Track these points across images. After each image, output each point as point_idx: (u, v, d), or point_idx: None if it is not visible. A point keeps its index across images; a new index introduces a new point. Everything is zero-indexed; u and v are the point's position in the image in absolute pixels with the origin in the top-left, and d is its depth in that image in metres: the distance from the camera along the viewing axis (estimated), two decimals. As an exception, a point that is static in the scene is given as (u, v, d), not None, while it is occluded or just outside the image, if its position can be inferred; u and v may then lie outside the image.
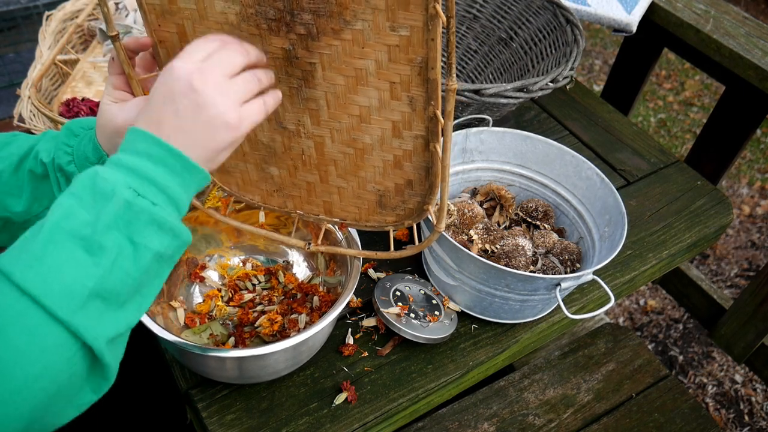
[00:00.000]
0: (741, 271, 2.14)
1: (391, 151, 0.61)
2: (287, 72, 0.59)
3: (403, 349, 0.85)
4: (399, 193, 0.65)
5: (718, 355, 1.89)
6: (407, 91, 0.56)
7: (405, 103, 0.57)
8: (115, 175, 0.51)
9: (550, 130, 1.24)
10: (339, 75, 0.57)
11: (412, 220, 0.67)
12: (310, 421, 0.76)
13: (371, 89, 0.57)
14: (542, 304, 0.85)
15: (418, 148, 0.60)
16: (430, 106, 0.55)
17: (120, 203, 0.49)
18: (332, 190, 0.68)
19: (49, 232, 0.48)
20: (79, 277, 0.47)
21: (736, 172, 2.57)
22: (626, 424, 1.12)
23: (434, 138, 0.58)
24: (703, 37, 1.27)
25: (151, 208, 0.51)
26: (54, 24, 1.15)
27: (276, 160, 0.68)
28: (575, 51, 1.01)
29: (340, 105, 0.59)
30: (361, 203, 0.68)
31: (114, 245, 0.49)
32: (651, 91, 2.98)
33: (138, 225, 0.50)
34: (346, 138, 0.62)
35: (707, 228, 1.06)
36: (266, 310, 0.85)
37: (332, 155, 0.64)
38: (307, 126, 0.63)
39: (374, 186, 0.66)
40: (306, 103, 0.61)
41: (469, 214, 0.92)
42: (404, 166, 0.62)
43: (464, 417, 1.08)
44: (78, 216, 0.49)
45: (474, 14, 1.22)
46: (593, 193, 0.91)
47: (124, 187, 0.50)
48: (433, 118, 0.56)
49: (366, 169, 0.64)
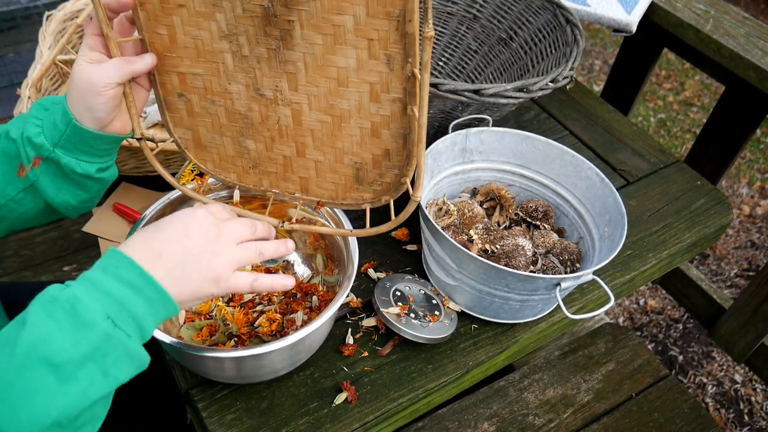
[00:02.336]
0: (741, 271, 2.14)
1: (368, 117, 0.61)
2: (266, 32, 0.59)
3: (403, 349, 0.85)
4: (376, 165, 0.65)
5: (718, 355, 1.89)
6: (385, 48, 0.55)
7: (383, 62, 0.56)
8: (95, 303, 0.51)
9: (550, 130, 1.24)
10: (317, 33, 0.57)
11: (389, 196, 0.67)
12: (310, 421, 0.76)
13: (349, 48, 0.57)
14: (542, 304, 0.85)
15: (396, 113, 0.60)
16: (407, 64, 0.55)
17: (100, 335, 0.50)
18: (309, 164, 0.68)
19: (24, 355, 0.48)
20: (45, 407, 0.48)
21: (736, 172, 2.57)
22: (626, 424, 1.12)
23: (412, 100, 0.58)
24: (703, 37, 1.27)
25: (126, 340, 0.52)
26: (54, 24, 1.15)
27: (253, 132, 0.68)
28: (575, 51, 1.01)
29: (318, 67, 0.59)
30: (338, 179, 0.68)
31: (86, 376, 0.50)
32: (651, 91, 2.98)
33: (113, 357, 0.51)
34: (324, 104, 0.62)
35: (707, 228, 1.06)
36: (265, 310, 0.85)
37: (309, 124, 0.64)
38: (285, 92, 0.63)
39: (351, 158, 0.65)
40: (284, 66, 0.61)
41: (469, 214, 0.92)
42: (382, 134, 0.62)
43: (464, 417, 1.08)
44: (55, 342, 0.49)
45: (474, 14, 1.22)
46: (593, 193, 0.91)
47: (103, 317, 0.51)
48: (411, 78, 0.56)
49: (343, 139, 0.64)
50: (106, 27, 0.62)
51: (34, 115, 0.68)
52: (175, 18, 0.62)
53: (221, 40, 0.62)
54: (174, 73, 0.67)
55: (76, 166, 0.68)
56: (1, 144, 0.68)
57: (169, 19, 0.63)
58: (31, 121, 0.67)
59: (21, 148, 0.67)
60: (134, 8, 0.63)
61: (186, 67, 0.66)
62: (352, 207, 0.70)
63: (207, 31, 0.62)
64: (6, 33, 1.90)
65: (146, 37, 0.65)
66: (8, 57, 1.95)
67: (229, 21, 0.60)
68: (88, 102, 0.64)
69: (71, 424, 0.50)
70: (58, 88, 1.13)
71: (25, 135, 0.66)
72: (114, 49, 0.64)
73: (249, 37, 0.60)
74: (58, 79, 1.14)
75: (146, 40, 0.65)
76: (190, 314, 0.83)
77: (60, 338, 0.49)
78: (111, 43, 0.63)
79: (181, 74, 0.67)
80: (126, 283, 0.54)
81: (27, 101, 1.00)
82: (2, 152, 0.68)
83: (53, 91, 1.12)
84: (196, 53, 0.64)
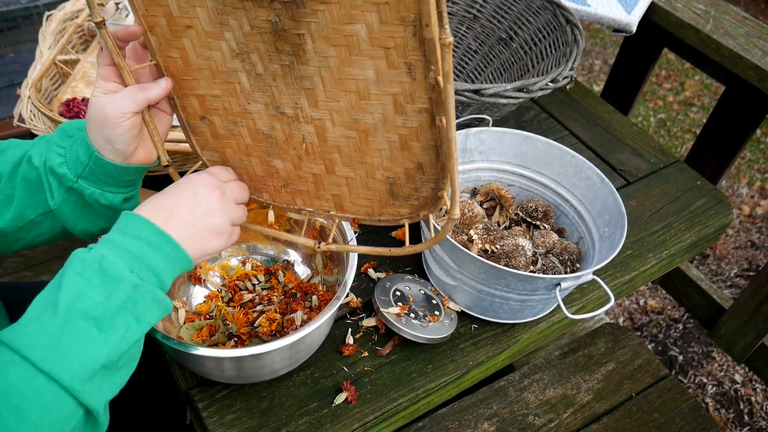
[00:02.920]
0: (741, 271, 2.14)
1: (395, 130, 0.58)
2: (277, 48, 0.57)
3: (403, 349, 0.85)
4: (410, 179, 0.62)
5: (718, 355, 1.89)
6: (404, 57, 0.52)
7: (403, 72, 0.53)
8: (119, 260, 0.56)
9: (550, 130, 1.24)
10: (330, 46, 0.55)
11: (427, 210, 0.64)
12: (310, 421, 0.76)
13: (366, 59, 0.54)
14: (542, 304, 0.85)
15: (424, 125, 0.57)
16: (430, 71, 0.52)
17: (129, 287, 0.56)
18: (340, 181, 0.66)
19: (65, 312, 0.53)
20: (93, 354, 0.53)
21: (736, 172, 2.57)
22: (626, 424, 1.12)
23: (439, 110, 0.54)
24: (703, 37, 1.27)
25: (153, 290, 0.58)
26: (54, 24, 1.15)
27: (279, 152, 0.66)
28: (575, 51, 1.01)
29: (336, 81, 0.57)
30: (372, 195, 0.65)
31: (123, 323, 0.55)
32: (651, 91, 2.98)
33: (143, 304, 0.57)
34: (347, 119, 0.60)
35: (707, 228, 1.06)
36: (265, 310, 0.85)
37: (335, 140, 0.62)
38: (305, 109, 0.61)
39: (383, 173, 0.63)
40: (300, 82, 0.59)
41: (469, 214, 0.92)
42: (412, 147, 0.59)
43: (464, 417, 1.08)
44: (90, 297, 0.54)
45: (474, 14, 1.22)
46: (593, 193, 0.91)
47: (128, 271, 0.56)
48: (436, 87, 0.52)
49: (372, 155, 0.61)
50: (117, 57, 0.61)
51: (57, 143, 0.66)
52: (185, 40, 0.61)
53: (234, 60, 0.60)
54: (193, 95, 0.66)
55: (101, 197, 0.67)
56: (23, 169, 0.67)
57: (179, 42, 0.61)
58: (54, 150, 0.66)
59: (44, 176, 0.66)
60: (144, 34, 0.61)
61: (203, 89, 0.64)
62: (390, 223, 0.67)
63: (218, 51, 0.60)
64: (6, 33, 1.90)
65: (160, 62, 0.64)
66: (8, 57, 1.95)
67: (239, 39, 0.58)
68: (106, 134, 0.62)
69: (114, 367, 0.55)
70: (58, 88, 1.13)
71: (48, 164, 0.65)
72: (128, 77, 0.62)
73: (261, 54, 0.59)
74: (58, 79, 1.14)
75: (161, 65, 0.64)
76: (190, 314, 0.83)
77: (94, 294, 0.54)
78: (124, 72, 0.62)
79: (200, 96, 0.65)
80: (145, 241, 0.58)
81: (27, 101, 1.00)
82: (23, 178, 0.67)
83: (53, 91, 1.12)
84: (211, 75, 0.63)
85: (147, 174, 1.08)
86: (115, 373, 0.56)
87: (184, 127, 0.70)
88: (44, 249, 1.84)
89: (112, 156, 0.64)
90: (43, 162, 0.66)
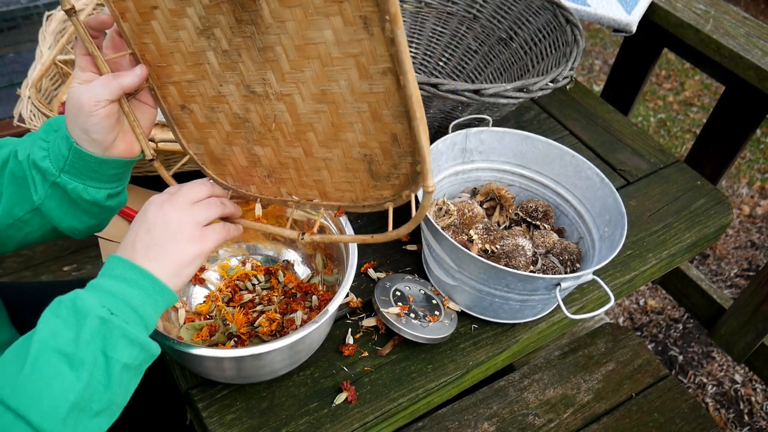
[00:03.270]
0: (741, 271, 2.14)
1: (363, 98, 0.57)
2: (237, 19, 0.57)
3: (403, 349, 0.85)
4: (387, 154, 0.61)
5: (718, 355, 1.89)
6: (358, 9, 0.51)
7: (360, 27, 0.52)
8: (93, 297, 0.56)
9: (550, 130, 1.24)
10: (285, 8, 0.54)
11: (409, 190, 0.62)
12: (310, 421, 0.76)
13: (321, 18, 0.53)
14: (542, 304, 0.85)
15: (390, 88, 0.55)
16: (386, 23, 0.50)
17: (96, 320, 0.55)
18: (319, 164, 0.65)
19: (37, 350, 0.53)
20: (63, 392, 0.52)
21: (736, 172, 2.57)
22: (626, 424, 1.12)
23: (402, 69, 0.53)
24: (703, 37, 1.27)
25: (123, 325, 0.56)
26: (54, 24, 1.15)
27: (258, 137, 0.66)
28: (575, 51, 1.01)
29: (297, 48, 0.56)
30: (353, 177, 0.65)
31: (91, 358, 0.54)
32: (651, 91, 2.98)
33: (111, 339, 0.55)
34: (315, 91, 0.59)
35: (707, 228, 1.06)
36: (265, 310, 0.85)
37: (307, 118, 0.62)
38: (273, 84, 0.60)
39: (359, 150, 0.62)
40: (264, 54, 0.58)
41: (469, 214, 0.92)
42: (383, 116, 0.58)
43: (464, 417, 1.08)
44: (62, 335, 0.54)
45: (474, 14, 1.22)
46: (593, 193, 0.91)
47: (99, 306, 0.56)
48: (394, 40, 0.51)
49: (345, 129, 0.61)
50: (90, 45, 0.61)
51: (42, 136, 0.66)
52: (154, 23, 0.61)
53: (200, 38, 0.60)
54: (170, 83, 0.66)
55: (83, 192, 0.66)
56: (10, 165, 0.67)
57: (149, 26, 0.61)
58: (38, 143, 0.65)
59: (27, 171, 0.66)
60: (117, 21, 0.61)
61: (178, 75, 0.64)
62: (374, 209, 0.66)
63: (185, 31, 0.60)
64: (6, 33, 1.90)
65: (136, 50, 0.64)
66: (8, 57, 1.95)
67: (200, 14, 0.58)
68: (81, 124, 0.62)
69: (89, 408, 0.54)
70: (58, 88, 1.13)
71: (31, 158, 0.65)
72: (103, 66, 0.62)
73: (223, 28, 0.59)
74: (58, 79, 1.14)
75: (137, 53, 0.64)
76: (190, 314, 0.83)
77: (66, 331, 0.54)
78: (99, 61, 0.62)
79: (177, 84, 0.65)
80: (119, 278, 0.58)
81: (27, 101, 1.00)
82: (10, 173, 0.67)
83: (53, 91, 1.12)
84: (182, 58, 0.63)
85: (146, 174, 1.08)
86: (91, 417, 0.55)
87: (168, 121, 0.69)
88: (44, 249, 1.84)
89: (91, 147, 0.64)
90: (27, 156, 0.65)
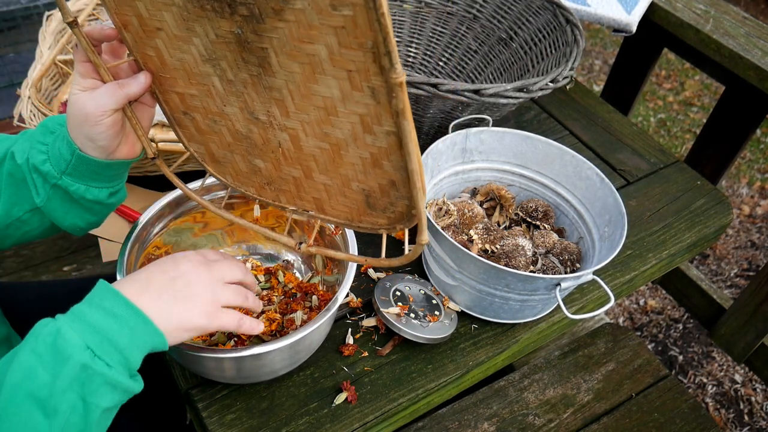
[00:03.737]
0: (741, 271, 2.14)
1: (366, 148, 0.58)
2: (244, 59, 0.57)
3: (403, 349, 0.85)
4: (384, 194, 0.62)
5: (718, 355, 1.89)
6: (367, 81, 0.51)
7: (367, 95, 0.52)
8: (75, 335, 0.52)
9: (550, 130, 1.24)
10: (293, 62, 0.54)
11: (403, 225, 0.64)
12: (310, 421, 0.76)
13: (329, 78, 0.53)
14: (542, 304, 0.85)
15: (392, 146, 0.56)
16: (393, 99, 0.50)
17: (77, 367, 0.51)
18: (318, 186, 0.66)
19: (11, 392, 0.50)
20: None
21: (736, 172, 2.57)
22: (626, 424, 1.12)
23: None
24: (703, 37, 1.27)
25: (106, 370, 0.53)
26: (54, 24, 1.15)
27: (259, 152, 0.66)
28: (575, 51, 1.01)
29: (303, 95, 0.57)
30: (350, 203, 0.66)
31: (68, 406, 0.51)
32: (651, 91, 2.98)
33: (92, 386, 0.52)
34: (318, 132, 0.59)
35: (707, 228, 1.06)
36: (265, 310, 0.85)
37: (310, 150, 0.62)
38: (277, 117, 0.61)
39: (358, 185, 0.62)
40: (270, 92, 0.59)
41: (469, 214, 0.92)
42: (383, 165, 0.59)
43: (464, 417, 1.08)
44: (38, 377, 0.51)
45: (474, 14, 1.22)
46: (593, 193, 0.91)
47: (82, 349, 0.52)
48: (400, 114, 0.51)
49: (345, 167, 0.61)
50: (93, 55, 0.60)
51: (39, 139, 0.65)
52: (158, 41, 0.61)
53: (205, 64, 0.60)
54: (173, 92, 0.65)
55: (86, 193, 0.66)
56: (7, 166, 0.66)
57: (153, 42, 0.61)
58: (36, 147, 0.65)
59: (27, 174, 0.65)
60: (119, 30, 0.61)
61: (181, 87, 0.64)
62: (369, 231, 0.67)
63: (189, 55, 0.60)
64: (6, 33, 1.90)
65: (138, 57, 0.63)
66: (8, 57, 1.95)
67: (206, 46, 0.58)
68: (86, 132, 0.61)
69: None
70: (58, 88, 1.13)
71: (31, 162, 0.64)
72: (105, 75, 0.62)
73: (229, 62, 0.58)
74: (58, 79, 1.14)
75: (139, 60, 0.64)
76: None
77: (42, 373, 0.51)
78: (101, 70, 0.61)
79: (180, 94, 0.65)
80: (109, 313, 0.54)
81: (27, 101, 1.00)
82: (8, 174, 0.66)
83: (53, 91, 1.12)
84: (186, 75, 0.63)
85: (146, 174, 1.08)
86: None
87: (169, 119, 0.69)
88: (44, 249, 1.84)
89: (95, 153, 0.63)
90: (26, 160, 0.65)
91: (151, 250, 0.81)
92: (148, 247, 0.81)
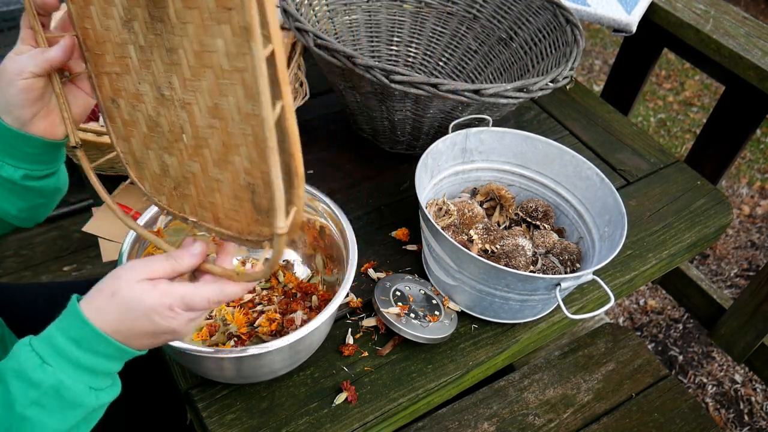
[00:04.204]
0: (741, 271, 2.15)
1: (248, 120, 0.55)
2: (150, 14, 0.57)
3: (403, 349, 0.85)
4: (267, 186, 0.57)
5: (718, 355, 1.89)
6: (243, 19, 0.48)
7: (244, 40, 0.50)
8: (79, 384, 0.55)
9: (550, 130, 1.24)
10: (186, 9, 0.53)
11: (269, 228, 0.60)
12: (310, 421, 0.76)
13: (214, 24, 0.52)
14: (542, 304, 0.85)
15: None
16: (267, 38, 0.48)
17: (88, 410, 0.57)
18: (213, 185, 0.63)
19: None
20: None
21: (736, 172, 2.57)
22: (626, 424, 1.12)
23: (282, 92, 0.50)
24: (703, 37, 1.27)
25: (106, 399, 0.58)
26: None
27: (168, 145, 0.65)
28: (575, 51, 1.01)
29: (195, 54, 0.55)
30: (240, 206, 0.62)
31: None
32: (651, 91, 2.98)
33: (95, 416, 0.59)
34: (210, 104, 0.58)
35: (707, 228, 1.06)
36: (265, 310, 0.85)
37: (204, 131, 0.60)
38: (177, 89, 0.59)
39: (245, 177, 0.59)
40: (170, 55, 0.58)
41: (469, 214, 0.92)
42: (263, 141, 0.54)
43: (464, 417, 1.08)
44: (48, 426, 0.54)
45: (474, 14, 1.22)
46: (593, 193, 0.91)
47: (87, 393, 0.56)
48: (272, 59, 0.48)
49: (233, 151, 0.59)
50: (33, 19, 0.62)
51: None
52: (92, 8, 0.61)
53: (123, 29, 0.60)
54: (104, 74, 0.65)
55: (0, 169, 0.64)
56: None
57: (88, 10, 0.61)
58: None
59: None
60: (66, 2, 0.61)
61: (109, 66, 0.64)
62: (253, 246, 0.64)
63: (113, 19, 0.60)
64: (6, 33, 1.90)
65: (79, 33, 0.64)
66: (8, 57, 1.95)
67: (123, 4, 0.58)
68: (2, 92, 0.61)
69: None
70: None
71: None
72: (41, 41, 0.62)
73: (140, 22, 0.58)
74: (58, 79, 1.13)
75: (79, 37, 0.64)
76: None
77: (51, 421, 0.54)
78: (38, 36, 0.62)
79: (109, 75, 0.65)
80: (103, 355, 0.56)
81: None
82: None
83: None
84: (112, 48, 0.62)
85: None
86: None
87: (102, 113, 0.69)
88: (44, 249, 1.84)
89: (9, 119, 0.62)
90: None
91: (151, 250, 0.81)
92: (148, 247, 0.81)
